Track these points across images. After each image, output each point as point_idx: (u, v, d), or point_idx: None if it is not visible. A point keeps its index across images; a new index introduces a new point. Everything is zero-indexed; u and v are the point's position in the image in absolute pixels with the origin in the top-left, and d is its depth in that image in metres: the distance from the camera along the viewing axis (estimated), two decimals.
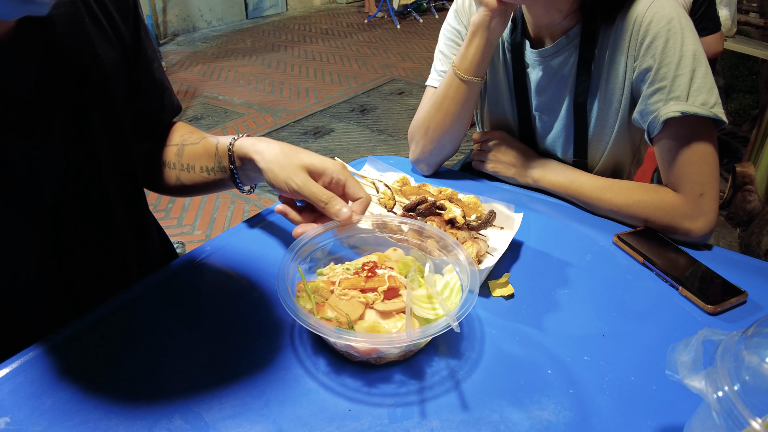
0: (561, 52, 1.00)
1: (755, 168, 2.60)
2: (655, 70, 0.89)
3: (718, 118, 0.87)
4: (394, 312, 0.65)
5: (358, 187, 0.73)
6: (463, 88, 1.01)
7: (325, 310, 0.64)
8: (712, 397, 0.42)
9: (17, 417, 0.57)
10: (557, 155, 1.11)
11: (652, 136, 0.93)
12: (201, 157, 0.84)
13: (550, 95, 1.05)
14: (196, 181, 0.87)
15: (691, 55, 0.87)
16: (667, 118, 0.88)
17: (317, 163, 0.72)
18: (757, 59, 3.09)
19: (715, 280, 0.79)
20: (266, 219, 0.94)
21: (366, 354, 0.63)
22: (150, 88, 0.86)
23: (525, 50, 1.04)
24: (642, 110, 0.93)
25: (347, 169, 0.74)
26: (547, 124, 1.09)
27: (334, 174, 0.72)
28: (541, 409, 0.59)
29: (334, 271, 0.71)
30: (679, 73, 0.87)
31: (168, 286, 0.78)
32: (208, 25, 6.29)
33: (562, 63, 1.01)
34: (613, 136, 1.02)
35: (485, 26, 0.95)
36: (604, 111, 1.01)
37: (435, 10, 7.21)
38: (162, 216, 2.64)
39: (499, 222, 0.87)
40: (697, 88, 0.87)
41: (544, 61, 1.02)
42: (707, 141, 0.89)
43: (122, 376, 0.63)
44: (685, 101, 0.87)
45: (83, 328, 0.69)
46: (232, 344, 0.68)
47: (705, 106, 0.86)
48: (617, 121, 1.01)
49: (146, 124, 0.88)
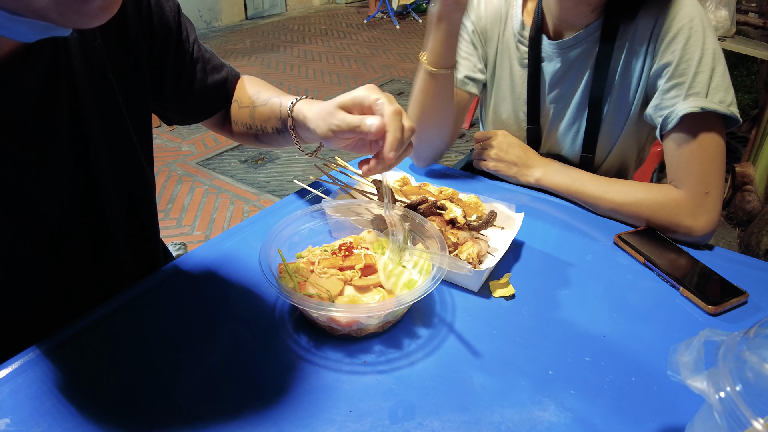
0: (580, 44, 1.01)
1: (754, 168, 2.60)
2: (674, 65, 0.90)
3: (734, 116, 0.88)
4: (371, 286, 0.70)
5: (386, 101, 0.69)
6: (434, 80, 1.01)
7: (306, 287, 0.68)
8: (714, 397, 0.42)
9: (17, 418, 0.56)
10: (564, 150, 1.11)
11: (665, 132, 0.93)
12: (270, 118, 0.88)
13: (564, 87, 1.06)
14: (270, 137, 0.91)
15: (711, 53, 0.89)
16: (685, 113, 0.88)
17: (347, 97, 0.71)
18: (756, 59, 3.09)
19: (715, 281, 0.79)
20: (266, 219, 0.94)
21: (347, 326, 0.66)
22: (201, 87, 0.89)
23: (542, 43, 1.05)
24: (657, 104, 0.93)
25: (373, 88, 0.71)
26: (558, 117, 1.09)
27: (364, 99, 0.70)
28: (542, 410, 0.59)
29: (313, 252, 0.75)
30: (699, 70, 0.88)
31: (168, 287, 0.78)
32: (207, 26, 6.29)
33: (580, 55, 1.02)
34: (624, 132, 1.03)
35: (444, 17, 0.94)
36: (616, 106, 1.02)
37: None
38: (162, 216, 2.64)
39: (500, 222, 0.87)
40: (716, 86, 0.88)
41: (562, 53, 1.03)
42: (718, 140, 0.89)
43: (122, 376, 0.62)
44: (704, 98, 0.88)
45: (83, 329, 0.69)
46: (232, 344, 0.67)
47: (723, 103, 0.88)
48: (629, 117, 1.02)
49: (210, 105, 0.93)
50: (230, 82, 0.94)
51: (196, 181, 2.97)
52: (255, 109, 0.91)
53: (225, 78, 0.92)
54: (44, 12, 0.46)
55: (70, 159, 0.70)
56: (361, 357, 0.66)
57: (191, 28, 0.86)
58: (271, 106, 0.87)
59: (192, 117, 0.94)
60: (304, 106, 0.79)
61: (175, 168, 3.11)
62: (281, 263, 0.71)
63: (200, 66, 0.87)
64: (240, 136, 0.97)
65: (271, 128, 0.89)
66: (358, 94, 0.70)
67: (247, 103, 0.92)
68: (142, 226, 0.86)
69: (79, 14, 0.47)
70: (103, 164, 0.74)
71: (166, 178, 3.00)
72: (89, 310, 0.72)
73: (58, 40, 0.65)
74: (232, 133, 0.98)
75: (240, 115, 0.94)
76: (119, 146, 0.76)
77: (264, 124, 0.89)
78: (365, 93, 0.70)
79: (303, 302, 0.63)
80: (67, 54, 0.67)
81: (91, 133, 0.71)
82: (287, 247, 0.75)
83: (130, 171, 0.80)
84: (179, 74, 0.85)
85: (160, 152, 3.26)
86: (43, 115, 0.65)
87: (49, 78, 0.65)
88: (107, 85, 0.73)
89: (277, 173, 3.08)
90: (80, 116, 0.69)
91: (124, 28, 0.74)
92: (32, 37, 0.51)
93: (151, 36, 0.78)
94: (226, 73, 0.93)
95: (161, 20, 0.79)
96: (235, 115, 0.94)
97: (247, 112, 0.92)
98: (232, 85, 0.95)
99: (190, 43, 0.85)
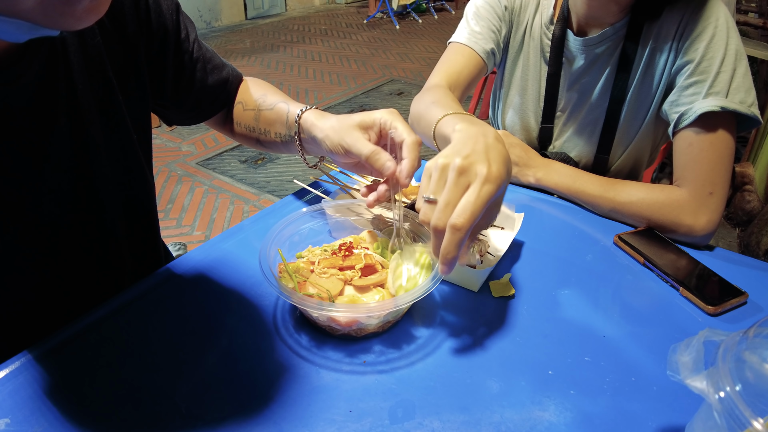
0: (605, 42, 1.01)
1: (754, 168, 2.61)
2: (696, 63, 0.91)
3: (755, 116, 0.89)
4: (371, 286, 0.70)
5: (405, 130, 0.67)
6: None
7: (306, 287, 0.68)
8: (714, 397, 0.42)
9: (17, 418, 0.56)
10: (574, 151, 1.11)
11: (678, 128, 0.93)
12: (275, 123, 0.87)
13: (584, 85, 1.06)
14: (271, 143, 0.91)
15: (734, 53, 0.90)
16: (704, 111, 0.88)
17: (367, 117, 0.70)
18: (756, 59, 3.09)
19: (715, 281, 0.79)
20: (266, 219, 0.94)
21: (347, 326, 0.66)
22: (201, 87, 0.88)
23: (567, 40, 1.05)
24: (674, 100, 0.94)
25: (395, 113, 0.69)
26: (573, 115, 1.09)
27: (382, 121, 0.69)
28: (542, 410, 0.59)
29: (313, 252, 0.75)
30: (722, 70, 0.89)
31: (168, 287, 0.78)
32: (207, 26, 6.29)
33: (604, 53, 1.02)
34: (641, 131, 1.04)
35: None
36: (636, 105, 1.02)
37: (434, 10, 7.21)
38: (161, 216, 2.64)
39: (500, 222, 0.87)
40: (737, 86, 0.89)
41: (587, 50, 1.03)
42: (730, 141, 0.90)
43: (122, 376, 0.62)
44: (724, 97, 0.89)
45: (83, 329, 0.69)
46: (232, 344, 0.67)
47: (743, 104, 0.88)
48: (647, 115, 1.02)
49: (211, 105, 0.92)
50: (231, 83, 0.93)
51: (196, 181, 2.98)
52: (260, 113, 0.90)
53: (226, 78, 0.92)
54: (29, 14, 0.45)
55: (69, 157, 0.69)
56: (361, 357, 0.66)
57: (191, 27, 0.85)
58: (278, 111, 0.86)
59: (192, 117, 0.93)
60: (313, 116, 0.78)
61: (175, 168, 3.11)
62: (281, 263, 0.71)
63: (200, 65, 0.86)
64: (241, 137, 0.96)
65: (274, 133, 0.88)
66: (379, 117, 0.69)
67: (253, 106, 0.92)
68: (142, 225, 0.86)
69: (65, 16, 0.46)
70: (102, 163, 0.74)
71: (166, 178, 3.00)
72: (89, 311, 0.72)
73: (55, 39, 0.64)
74: (233, 133, 0.98)
75: (244, 117, 0.93)
76: (119, 145, 0.76)
77: (268, 128, 0.89)
78: (387, 117, 0.69)
79: (303, 302, 0.63)
80: (65, 52, 0.66)
81: (91, 131, 0.71)
82: (287, 247, 0.75)
83: (129, 170, 0.79)
84: (179, 73, 0.84)
85: (160, 152, 3.27)
86: (42, 113, 0.65)
87: (47, 76, 0.64)
88: (107, 84, 0.72)
89: (277, 173, 3.08)
90: (79, 114, 0.69)
91: (123, 26, 0.74)
92: (22, 37, 0.51)
93: (149, 35, 0.78)
94: (227, 74, 0.92)
95: (159, 19, 0.78)
96: (239, 117, 0.94)
97: (252, 115, 0.91)
98: (234, 86, 0.94)
99: (190, 42, 0.84)
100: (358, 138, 0.68)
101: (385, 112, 0.70)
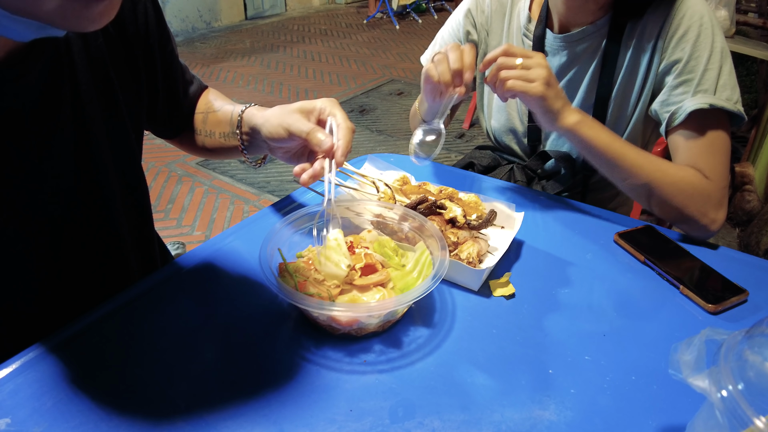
0: (586, 40, 1.01)
1: (754, 168, 2.61)
2: (684, 62, 0.91)
3: (740, 113, 0.89)
4: (372, 286, 0.70)
5: (342, 117, 0.72)
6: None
7: (307, 287, 0.68)
8: (716, 396, 0.42)
9: (18, 417, 0.56)
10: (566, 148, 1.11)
11: (671, 127, 0.93)
12: (221, 123, 0.90)
13: (568, 83, 1.06)
14: (215, 146, 0.93)
15: (719, 52, 0.90)
16: (694, 109, 0.89)
17: (307, 104, 0.74)
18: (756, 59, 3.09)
19: (715, 279, 0.79)
20: (266, 219, 0.94)
21: (347, 325, 0.66)
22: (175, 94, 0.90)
23: (545, 38, 1.05)
24: (664, 100, 0.94)
25: (335, 102, 0.74)
26: None
27: (322, 108, 0.73)
28: (542, 409, 0.59)
29: (313, 252, 0.75)
30: (708, 68, 0.89)
31: (168, 287, 0.78)
32: (207, 26, 6.29)
33: (586, 50, 1.02)
34: (628, 130, 1.03)
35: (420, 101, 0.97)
36: (622, 104, 1.02)
37: (434, 10, 7.21)
38: (161, 216, 2.64)
39: (500, 221, 0.87)
40: (723, 84, 0.89)
41: (569, 47, 1.03)
42: (725, 137, 0.91)
43: (123, 376, 0.62)
44: (712, 95, 0.89)
45: (83, 329, 0.69)
46: (232, 344, 0.67)
47: (730, 101, 0.89)
48: (634, 115, 1.02)
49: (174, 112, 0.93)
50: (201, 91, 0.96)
51: (196, 181, 2.97)
52: (208, 115, 0.93)
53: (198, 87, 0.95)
54: (48, 15, 0.46)
55: (72, 155, 0.70)
56: (362, 356, 0.66)
57: (172, 37, 0.89)
58: (224, 112, 0.90)
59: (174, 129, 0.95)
60: (254, 109, 0.83)
61: (175, 168, 3.11)
62: (281, 263, 0.71)
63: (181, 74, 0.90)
64: (188, 145, 0.98)
65: (219, 134, 0.91)
66: (320, 105, 0.74)
67: (203, 110, 0.94)
68: (141, 220, 0.87)
69: (81, 18, 0.48)
70: (104, 160, 0.74)
71: (166, 178, 3.00)
72: (93, 307, 0.72)
73: (59, 40, 0.65)
74: (185, 144, 0.99)
75: (195, 121, 0.95)
76: (119, 143, 0.77)
77: (214, 129, 0.91)
78: (327, 105, 0.73)
79: (303, 302, 0.63)
80: (69, 52, 0.67)
81: (94, 129, 0.72)
82: (287, 246, 0.75)
83: (128, 167, 0.80)
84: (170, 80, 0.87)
85: (160, 152, 3.26)
86: (46, 111, 0.65)
87: (51, 75, 0.65)
88: (109, 83, 0.73)
89: (277, 173, 3.08)
90: (82, 113, 0.70)
91: (123, 28, 0.75)
92: (28, 36, 0.52)
93: (146, 37, 0.79)
94: (198, 84, 0.96)
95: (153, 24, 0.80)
96: None
97: (201, 117, 0.94)
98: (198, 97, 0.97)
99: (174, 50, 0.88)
100: (299, 119, 0.73)
101: (326, 100, 0.74)
